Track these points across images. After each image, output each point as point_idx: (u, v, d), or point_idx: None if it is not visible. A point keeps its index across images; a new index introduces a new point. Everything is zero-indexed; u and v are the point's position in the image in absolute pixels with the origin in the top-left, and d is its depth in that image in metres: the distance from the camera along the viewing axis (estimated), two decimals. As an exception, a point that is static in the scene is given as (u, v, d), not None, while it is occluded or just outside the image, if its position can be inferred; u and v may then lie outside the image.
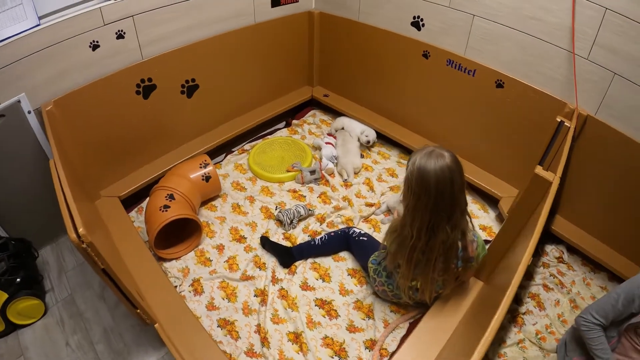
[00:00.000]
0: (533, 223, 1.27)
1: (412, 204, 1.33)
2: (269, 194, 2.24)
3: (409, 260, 1.44)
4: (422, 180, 1.28)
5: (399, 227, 1.44)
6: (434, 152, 1.30)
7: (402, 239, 1.44)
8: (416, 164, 1.28)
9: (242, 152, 2.53)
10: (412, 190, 1.31)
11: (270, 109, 2.64)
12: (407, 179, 1.32)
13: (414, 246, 1.40)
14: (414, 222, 1.36)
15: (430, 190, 1.28)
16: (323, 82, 2.89)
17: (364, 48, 2.46)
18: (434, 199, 1.29)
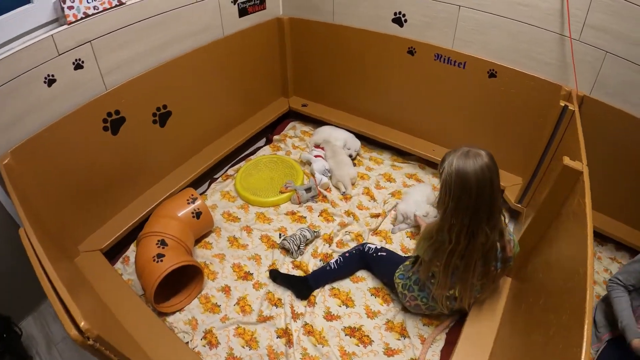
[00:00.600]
0: (574, 218, 1.29)
1: (452, 207, 1.33)
2: (266, 221, 2.15)
3: (446, 267, 1.44)
4: (463, 182, 1.29)
5: (435, 232, 1.44)
6: (471, 151, 1.31)
7: (438, 245, 1.43)
8: (454, 166, 1.30)
9: (226, 178, 2.42)
10: (452, 193, 1.31)
11: (249, 127, 2.56)
12: (445, 181, 1.33)
13: (453, 251, 1.40)
14: (452, 225, 1.37)
15: (471, 191, 1.29)
16: (299, 91, 2.85)
17: (341, 51, 2.45)
18: (475, 200, 1.30)
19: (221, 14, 2.16)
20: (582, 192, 1.29)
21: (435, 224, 1.44)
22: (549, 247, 1.47)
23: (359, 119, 2.65)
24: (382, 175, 2.47)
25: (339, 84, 2.60)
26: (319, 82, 2.69)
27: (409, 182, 2.42)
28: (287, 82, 2.76)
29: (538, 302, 1.31)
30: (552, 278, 1.29)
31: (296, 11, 2.52)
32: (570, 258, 1.21)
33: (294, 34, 2.56)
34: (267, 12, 2.46)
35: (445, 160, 1.35)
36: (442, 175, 1.36)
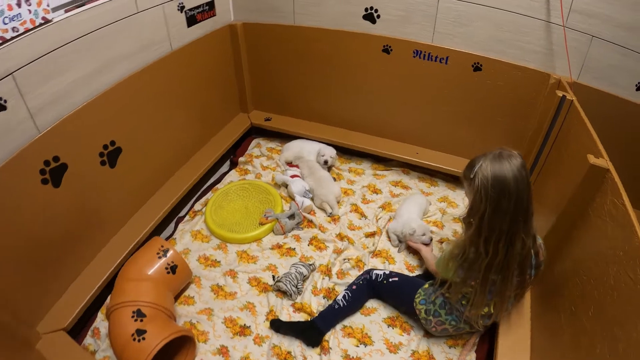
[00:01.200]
0: (610, 218, 1.26)
1: (489, 215, 1.29)
2: (251, 260, 1.95)
3: (483, 284, 1.39)
4: (501, 185, 1.26)
5: (465, 248, 1.38)
6: (503, 153, 1.30)
7: (470, 261, 1.38)
8: (489, 170, 1.28)
9: (194, 215, 2.18)
10: (489, 199, 1.28)
11: (210, 151, 2.35)
12: (481, 187, 1.28)
13: (490, 265, 1.35)
14: (490, 235, 1.32)
15: (510, 195, 1.26)
16: (260, 104, 2.68)
17: (306, 56, 2.33)
18: (514, 204, 1.27)
19: (167, 25, 1.92)
20: (615, 191, 1.28)
21: (467, 238, 1.37)
22: (579, 249, 1.45)
23: (332, 128, 2.54)
24: (366, 187, 2.38)
25: (306, 92, 2.47)
26: (282, 92, 2.54)
27: (396, 191, 2.36)
28: (245, 95, 2.58)
29: (587, 312, 1.26)
30: (599, 286, 1.24)
31: (250, 15, 2.35)
32: (617, 263, 1.18)
33: (250, 40, 2.39)
34: (218, 18, 2.25)
35: (475, 166, 1.32)
36: (474, 182, 1.31)
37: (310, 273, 1.88)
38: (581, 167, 1.43)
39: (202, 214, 2.14)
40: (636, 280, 1.06)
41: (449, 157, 2.36)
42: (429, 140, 2.37)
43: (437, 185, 2.43)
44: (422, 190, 2.40)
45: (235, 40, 2.36)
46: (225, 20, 2.33)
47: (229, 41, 2.35)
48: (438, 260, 1.56)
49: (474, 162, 1.34)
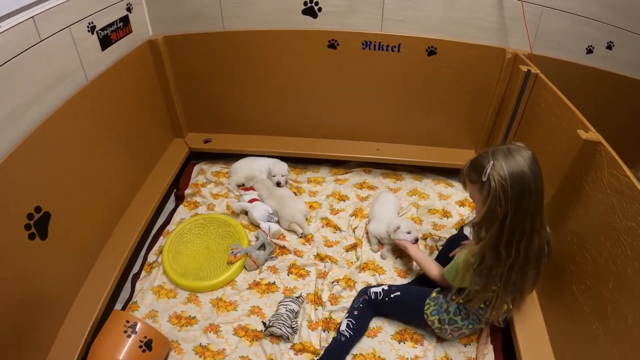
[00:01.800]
0: (611, 189, 1.32)
1: (510, 218, 1.25)
2: (229, 307, 1.75)
3: (505, 287, 1.37)
4: (521, 183, 1.23)
5: (483, 255, 1.34)
6: (511, 148, 1.27)
7: (490, 267, 1.34)
8: (504, 169, 1.24)
9: (149, 268, 1.91)
10: (509, 201, 1.24)
11: (150, 191, 2.09)
12: (499, 190, 1.24)
13: (512, 266, 1.33)
14: (512, 238, 1.29)
15: (531, 191, 1.24)
16: (196, 125, 2.46)
17: (241, 63, 2.16)
18: (535, 200, 1.25)
19: (78, 51, 1.63)
20: (612, 163, 1.33)
21: (484, 244, 1.32)
22: (581, 225, 1.47)
23: (281, 139, 2.41)
24: (330, 196, 2.29)
25: (246, 104, 2.31)
26: (219, 108, 2.35)
27: (363, 194, 2.31)
28: (177, 118, 2.34)
29: (606, 285, 1.28)
30: (615, 258, 1.27)
31: (171, 26, 2.12)
32: (632, 233, 1.21)
33: (175, 56, 2.17)
34: (135, 35, 2.00)
35: (486, 167, 1.26)
36: (487, 185, 1.27)
37: (300, 307, 1.76)
38: (572, 143, 1.47)
39: (160, 265, 1.89)
40: None
41: (412, 148, 2.36)
42: (388, 134, 2.34)
43: (402, 179, 2.41)
44: (389, 187, 2.36)
45: (158, 58, 2.12)
46: (143, 36, 2.08)
47: (150, 60, 2.11)
48: (448, 271, 1.51)
49: (481, 163, 1.29)
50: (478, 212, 1.38)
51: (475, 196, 1.37)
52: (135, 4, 2.00)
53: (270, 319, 1.66)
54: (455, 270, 1.45)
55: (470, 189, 1.39)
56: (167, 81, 2.20)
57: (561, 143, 1.58)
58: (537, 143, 1.76)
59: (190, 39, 2.11)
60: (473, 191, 1.37)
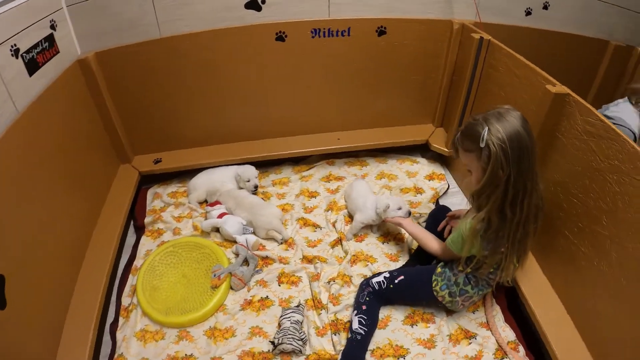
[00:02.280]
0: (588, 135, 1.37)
1: (514, 176, 1.25)
2: (227, 334, 1.57)
3: (513, 246, 1.37)
4: (519, 143, 1.24)
5: (489, 219, 1.32)
6: (501, 111, 1.28)
7: (497, 229, 1.34)
8: (501, 132, 1.23)
9: (127, 313, 1.67)
10: (510, 162, 1.23)
11: (107, 230, 1.83)
12: (500, 154, 1.23)
13: (517, 225, 1.34)
14: (515, 197, 1.29)
15: (529, 149, 1.25)
16: (142, 146, 2.22)
17: (183, 71, 1.99)
18: (533, 156, 1.27)
19: (3, 79, 1.36)
20: (585, 111, 1.39)
21: (489, 209, 1.31)
22: (561, 173, 1.52)
23: (237, 145, 2.25)
24: (300, 195, 2.18)
25: (193, 114, 2.13)
26: (164, 123, 2.15)
27: (332, 186, 2.23)
28: (121, 142, 2.09)
29: (600, 222, 1.33)
30: (605, 196, 1.32)
31: (102, 40, 1.88)
32: (616, 171, 1.27)
33: (109, 73, 1.93)
34: (63, 55, 1.74)
35: (481, 133, 1.25)
36: (486, 150, 1.25)
37: (304, 315, 1.64)
38: (542, 98, 1.52)
39: (137, 307, 1.66)
40: None
41: (372, 132, 2.33)
42: (347, 121, 2.29)
43: (367, 165, 2.37)
44: (356, 174, 2.30)
45: (91, 78, 1.86)
46: (72, 55, 1.82)
47: (83, 81, 1.85)
48: (454, 243, 1.47)
49: (475, 130, 1.28)
50: (477, 180, 1.35)
51: (473, 164, 1.34)
52: (59, 20, 1.74)
53: (276, 336, 1.51)
54: (461, 240, 1.42)
55: (466, 158, 1.36)
56: (104, 103, 1.95)
57: (528, 101, 1.62)
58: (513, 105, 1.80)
59: (125, 52, 1.88)
60: (470, 160, 1.34)
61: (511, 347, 1.54)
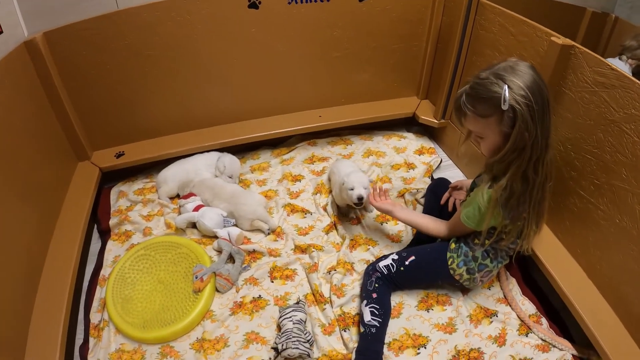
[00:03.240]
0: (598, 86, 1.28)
1: (540, 129, 1.10)
2: (218, 346, 1.32)
3: (534, 209, 1.23)
4: (541, 95, 1.08)
5: (512, 184, 1.16)
6: (510, 65, 1.11)
7: (519, 195, 1.18)
8: (524, 90, 1.06)
9: (97, 332, 1.37)
10: (535, 118, 1.08)
11: (67, 234, 1.53)
12: (525, 112, 1.06)
13: (540, 186, 1.19)
14: (539, 157, 1.14)
15: (548, 99, 1.11)
16: (101, 141, 1.91)
17: (144, 48, 1.71)
18: (550, 106, 1.12)
19: None
20: (594, 61, 1.27)
21: (512, 175, 1.15)
22: (570, 129, 1.41)
23: (207, 131, 1.99)
24: (283, 179, 1.96)
25: (158, 99, 1.85)
26: (126, 111, 1.85)
27: (317, 168, 2.02)
28: (77, 136, 1.77)
29: (619, 176, 1.25)
30: (622, 149, 1.23)
31: (51, 18, 1.57)
32: (633, 120, 1.18)
33: (60, 56, 1.62)
34: (7, 37, 1.43)
35: (500, 93, 1.07)
36: (510, 113, 1.08)
37: (306, 313, 1.42)
38: (548, 52, 1.41)
39: (109, 323, 1.38)
40: None
41: (355, 108, 2.15)
42: (327, 98, 2.10)
43: (352, 143, 2.18)
44: (341, 154, 2.11)
45: (40, 62, 1.56)
46: (17, 37, 1.50)
47: (31, 67, 1.54)
48: (469, 219, 1.29)
49: (490, 91, 1.09)
50: (493, 147, 1.18)
51: (491, 130, 1.15)
52: (2, -4, 1.41)
53: (279, 340, 1.28)
54: (479, 213, 1.25)
55: (480, 124, 1.17)
56: (56, 91, 1.63)
57: (529, 59, 1.49)
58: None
59: (77, 30, 1.58)
60: (486, 126, 1.15)
61: (533, 320, 1.41)
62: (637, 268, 1.21)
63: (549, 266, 1.43)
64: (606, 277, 1.34)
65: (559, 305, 1.45)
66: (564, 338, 1.37)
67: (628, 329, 1.27)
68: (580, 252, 1.44)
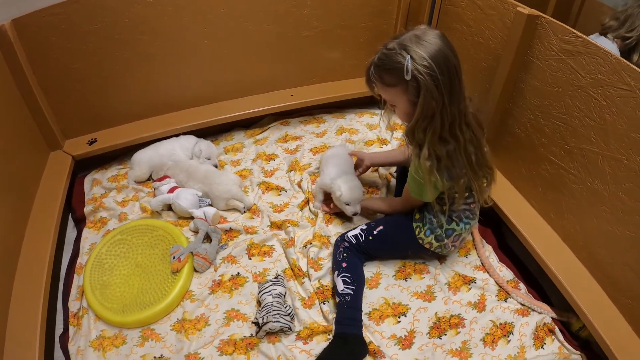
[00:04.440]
0: (565, 53, 1.28)
1: (448, 101, 1.10)
2: (199, 325, 1.31)
3: (471, 165, 1.23)
4: (447, 65, 1.08)
5: (434, 150, 1.17)
6: (417, 33, 1.10)
7: (449, 157, 1.19)
8: (426, 60, 1.06)
9: (77, 321, 1.33)
10: (441, 88, 1.08)
11: (41, 225, 1.47)
12: (428, 81, 1.06)
13: (469, 143, 1.20)
14: (453, 122, 1.14)
15: (457, 69, 1.11)
16: (73, 129, 1.82)
17: (113, 32, 1.63)
18: (460, 72, 1.12)
19: None
20: (560, 30, 1.29)
21: (430, 141, 1.16)
22: (539, 97, 1.42)
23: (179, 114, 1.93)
24: (257, 158, 1.92)
25: (129, 84, 1.78)
26: (97, 97, 1.77)
27: (290, 146, 1.98)
28: (49, 125, 1.69)
29: (588, 139, 1.27)
30: (589, 112, 1.25)
31: (19, 5, 1.47)
32: (599, 84, 1.20)
33: (30, 43, 1.54)
34: None
35: (402, 63, 1.07)
36: (413, 81, 1.08)
37: (285, 287, 1.41)
38: (513, 23, 1.41)
39: (88, 311, 1.34)
40: (630, 87, 1.12)
41: (327, 86, 2.11)
42: (299, 76, 2.06)
43: (325, 122, 2.15)
44: (314, 132, 2.07)
45: (9, 51, 1.47)
46: None
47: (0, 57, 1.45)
48: (414, 190, 1.31)
49: (394, 61, 1.09)
50: (405, 114, 1.19)
51: (399, 98, 1.16)
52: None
53: (259, 314, 1.27)
54: (419, 185, 1.26)
55: (388, 93, 1.18)
56: (26, 79, 1.55)
57: (497, 31, 1.51)
58: (465, 41, 1.67)
59: (46, 16, 1.50)
60: (394, 95, 1.16)
61: (512, 285, 1.43)
62: (611, 229, 1.24)
63: (525, 232, 1.46)
64: (581, 240, 1.37)
65: (536, 270, 1.47)
66: (542, 302, 1.40)
67: (605, 290, 1.30)
68: (554, 217, 1.47)
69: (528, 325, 1.33)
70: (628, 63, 1.13)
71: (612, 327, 1.22)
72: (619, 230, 1.22)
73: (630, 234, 1.19)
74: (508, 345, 1.29)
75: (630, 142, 1.14)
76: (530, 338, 1.30)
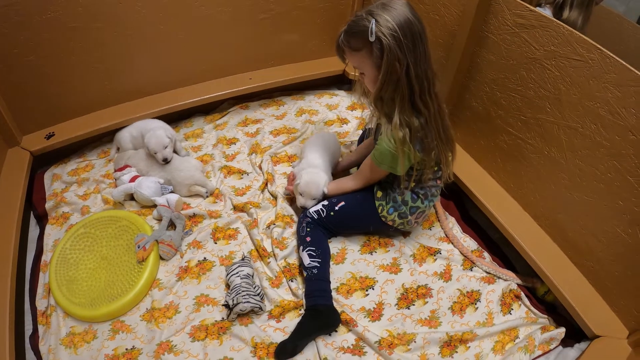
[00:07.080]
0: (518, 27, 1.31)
1: (413, 66, 1.12)
2: (169, 313, 1.31)
3: (439, 136, 1.25)
4: (411, 30, 1.11)
5: (405, 118, 1.19)
6: (384, 2, 1.13)
7: (420, 127, 1.21)
8: (391, 21, 1.09)
9: (45, 320, 1.31)
10: (406, 51, 1.10)
11: (4, 222, 1.43)
12: (393, 44, 1.09)
13: (436, 114, 1.22)
14: (422, 88, 1.16)
15: (421, 35, 1.13)
16: (30, 124, 1.73)
17: (64, 19, 1.54)
18: (425, 40, 1.15)
19: None
20: (513, 4, 1.31)
21: (400, 109, 1.18)
22: (494, 71, 1.45)
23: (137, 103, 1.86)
24: (218, 143, 1.90)
25: (83, 72, 1.70)
26: (52, 89, 1.68)
27: (251, 129, 1.96)
28: (4, 121, 1.60)
29: (544, 109, 1.31)
30: (545, 84, 1.29)
31: None
32: (552, 56, 1.24)
33: None
34: None
35: (369, 27, 1.10)
36: (378, 44, 1.11)
37: (252, 267, 1.42)
38: (468, 2, 1.41)
39: (56, 308, 1.32)
40: (582, 57, 1.16)
41: (285, 68, 2.09)
42: (257, 59, 2.03)
43: (284, 104, 2.14)
44: (274, 115, 2.05)
45: None
46: None
47: None
48: (384, 163, 1.30)
49: (360, 26, 1.13)
50: (372, 80, 1.20)
51: (365, 63, 1.18)
52: None
53: (229, 297, 1.28)
54: (391, 156, 1.25)
55: (356, 58, 1.20)
56: None
57: (452, 7, 1.53)
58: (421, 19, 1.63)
59: None
60: (361, 59, 1.18)
61: (476, 255, 1.48)
62: (569, 195, 1.30)
63: (487, 203, 1.51)
64: (541, 207, 1.43)
65: (499, 239, 1.53)
66: (507, 269, 1.46)
67: (567, 254, 1.37)
68: (514, 186, 1.52)
69: (494, 292, 1.39)
70: (580, 34, 1.16)
71: (575, 289, 1.28)
72: (577, 195, 1.27)
73: (587, 199, 1.25)
74: (476, 312, 1.35)
75: (584, 111, 1.19)
76: (498, 304, 1.36)
